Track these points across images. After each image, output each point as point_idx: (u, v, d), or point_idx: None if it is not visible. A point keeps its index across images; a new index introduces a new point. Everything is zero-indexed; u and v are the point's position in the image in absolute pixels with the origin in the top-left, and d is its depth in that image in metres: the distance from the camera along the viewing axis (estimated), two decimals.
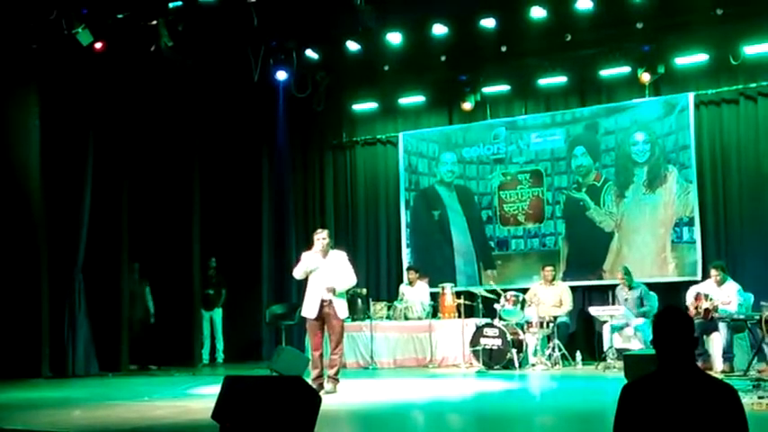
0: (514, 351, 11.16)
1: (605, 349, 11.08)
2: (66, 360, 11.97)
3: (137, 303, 13.08)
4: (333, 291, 8.95)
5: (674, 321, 3.17)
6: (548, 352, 11.33)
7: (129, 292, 12.92)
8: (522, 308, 11.58)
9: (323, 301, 8.98)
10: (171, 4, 11.04)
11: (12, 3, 11.14)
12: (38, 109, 12.04)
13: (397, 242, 14.26)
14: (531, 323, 11.42)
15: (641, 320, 11.10)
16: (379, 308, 12.68)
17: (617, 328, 11.11)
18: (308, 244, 9.35)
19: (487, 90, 13.36)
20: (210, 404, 5.94)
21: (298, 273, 9.22)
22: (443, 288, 12.49)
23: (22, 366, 11.71)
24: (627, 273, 11.50)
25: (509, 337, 11.14)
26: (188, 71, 12.69)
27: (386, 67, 13.28)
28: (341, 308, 9.05)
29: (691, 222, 12.09)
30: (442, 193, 13.98)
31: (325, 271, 9.03)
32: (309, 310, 9.07)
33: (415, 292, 12.86)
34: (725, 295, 10.31)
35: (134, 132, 12.94)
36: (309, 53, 12.91)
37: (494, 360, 11.17)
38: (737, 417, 3.00)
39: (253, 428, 5.61)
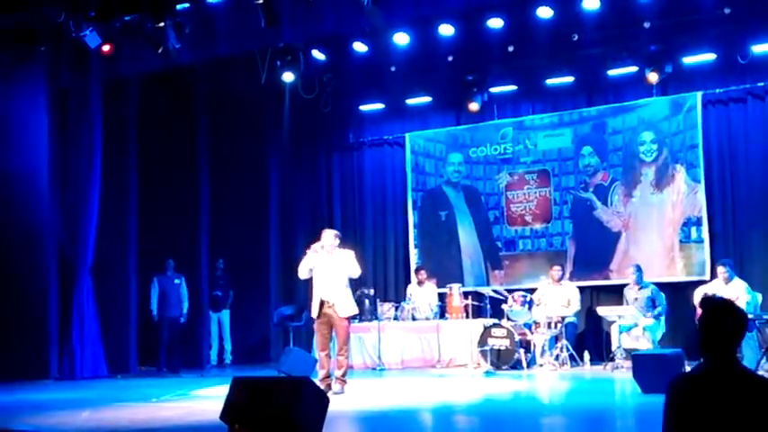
0: (522, 351, 11.15)
1: (614, 349, 11.06)
2: (74, 361, 12.00)
3: (170, 302, 13.02)
4: (333, 289, 8.95)
5: (729, 315, 3.09)
6: (555, 352, 11.32)
7: (159, 290, 12.95)
8: (530, 308, 11.57)
9: (324, 300, 8.99)
10: (178, 6, 11.06)
11: (21, 5, 11.18)
12: (47, 109, 12.10)
13: (405, 243, 14.27)
14: (538, 323, 11.42)
15: (650, 320, 11.07)
16: (386, 308, 12.69)
17: (625, 329, 11.09)
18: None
19: (494, 90, 13.37)
20: (219, 405, 5.95)
21: (301, 271, 9.21)
22: (451, 288, 12.49)
23: (30, 368, 11.74)
24: (639, 270, 11.46)
25: (517, 338, 11.14)
26: (196, 73, 12.72)
27: (393, 68, 13.28)
28: (343, 307, 8.99)
29: (698, 222, 12.05)
30: (449, 193, 13.97)
31: (328, 270, 9.03)
32: (312, 309, 9.12)
33: (423, 293, 12.87)
34: (732, 293, 10.28)
35: (142, 134, 12.97)
36: (316, 54, 12.92)
37: (501, 360, 11.16)
38: None
39: (261, 429, 5.61)
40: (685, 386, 3.07)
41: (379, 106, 14.32)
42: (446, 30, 12.00)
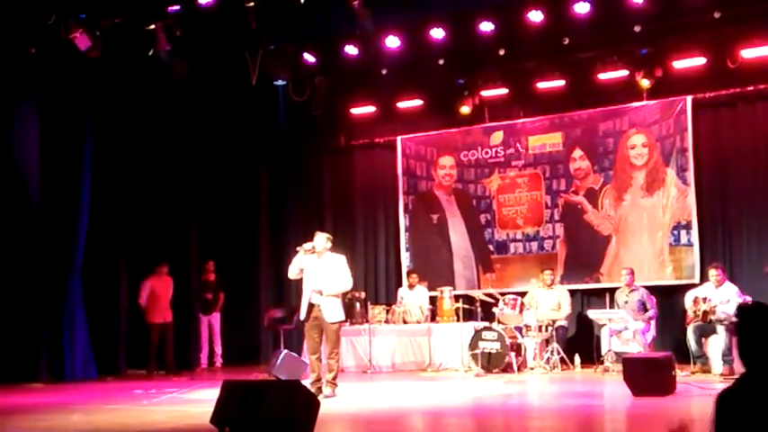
0: (513, 355, 11.16)
1: (603, 353, 11.08)
2: (64, 364, 11.96)
3: (160, 305, 13.00)
4: (320, 293, 8.95)
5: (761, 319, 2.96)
6: (546, 355, 11.33)
7: (151, 293, 12.91)
8: (521, 311, 11.58)
9: (312, 304, 8.99)
10: (170, 9, 11.03)
11: (10, 7, 11.14)
12: (37, 112, 12.07)
13: (396, 246, 14.26)
14: (529, 327, 11.43)
15: (640, 324, 11.08)
16: (377, 312, 12.68)
17: (615, 332, 11.11)
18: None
19: (486, 93, 13.35)
20: (209, 409, 5.95)
21: (291, 271, 9.22)
22: (442, 292, 12.50)
23: (19, 371, 11.70)
24: (632, 273, 11.47)
25: (508, 341, 11.15)
26: (186, 75, 12.69)
27: (384, 71, 13.27)
28: (330, 311, 8.99)
29: (688, 225, 12.08)
30: (440, 196, 13.98)
31: (317, 273, 9.02)
32: (301, 312, 9.13)
33: (414, 296, 12.86)
34: (723, 296, 10.32)
35: (132, 136, 12.95)
36: (307, 57, 12.91)
37: (492, 364, 11.17)
38: None
39: None
40: (727, 399, 2.98)
41: (371, 109, 14.29)
42: (437, 33, 12.00)
